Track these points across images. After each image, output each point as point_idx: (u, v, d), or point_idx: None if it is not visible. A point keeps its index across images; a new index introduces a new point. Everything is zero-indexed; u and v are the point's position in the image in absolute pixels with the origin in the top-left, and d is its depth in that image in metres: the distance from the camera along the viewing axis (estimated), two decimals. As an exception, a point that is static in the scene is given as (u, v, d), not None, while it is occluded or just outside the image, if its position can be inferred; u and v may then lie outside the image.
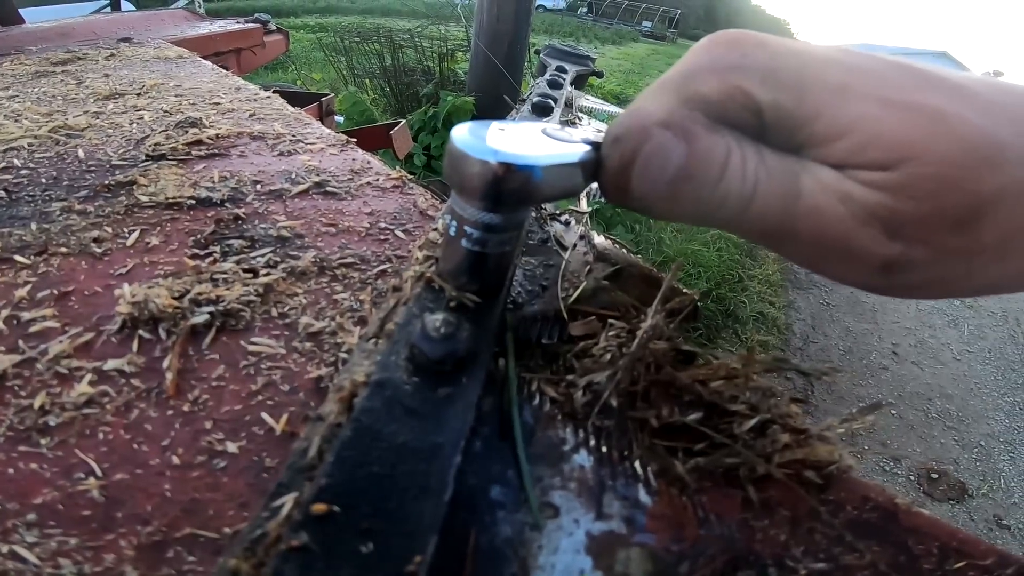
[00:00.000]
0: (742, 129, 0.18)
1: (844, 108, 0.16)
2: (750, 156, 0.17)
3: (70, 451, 0.20)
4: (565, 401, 0.22)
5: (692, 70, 0.18)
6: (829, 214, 0.16)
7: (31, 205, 0.33)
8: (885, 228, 0.16)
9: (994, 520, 1.88)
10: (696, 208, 0.18)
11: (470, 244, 0.20)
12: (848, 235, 0.16)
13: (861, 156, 0.16)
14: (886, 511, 0.19)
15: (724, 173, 0.17)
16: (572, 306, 0.27)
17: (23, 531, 0.17)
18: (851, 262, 0.17)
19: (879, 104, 0.16)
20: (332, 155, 0.41)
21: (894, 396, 2.38)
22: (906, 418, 2.28)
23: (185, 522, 0.18)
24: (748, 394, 0.23)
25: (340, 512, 0.14)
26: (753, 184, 0.17)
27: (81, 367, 0.23)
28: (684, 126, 0.17)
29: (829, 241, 0.17)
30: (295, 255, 0.29)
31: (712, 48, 0.18)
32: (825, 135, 0.16)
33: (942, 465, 2.07)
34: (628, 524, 0.18)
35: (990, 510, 1.93)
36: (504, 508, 0.18)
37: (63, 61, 0.63)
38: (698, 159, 0.17)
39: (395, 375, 0.18)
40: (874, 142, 0.16)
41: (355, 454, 0.16)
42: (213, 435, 0.21)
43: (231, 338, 0.24)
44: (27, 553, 0.16)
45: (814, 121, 0.16)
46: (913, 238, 0.16)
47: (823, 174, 0.17)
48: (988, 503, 1.95)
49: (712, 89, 0.17)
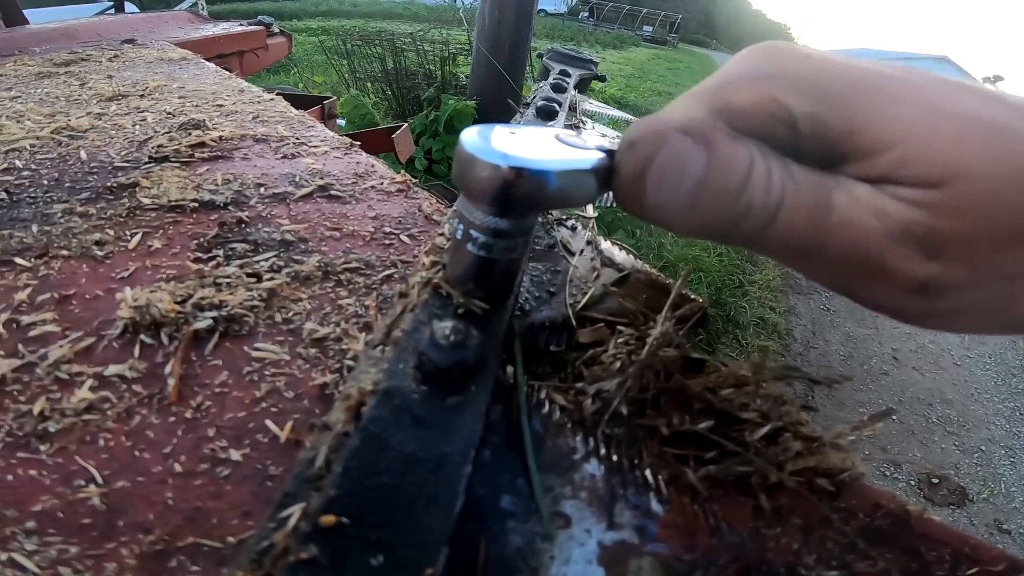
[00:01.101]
0: (772, 142, 0.17)
1: (891, 119, 0.15)
2: (776, 168, 0.16)
3: (70, 458, 0.19)
4: (574, 409, 0.22)
5: (726, 79, 0.17)
6: (862, 230, 0.15)
7: (32, 207, 0.33)
8: (922, 247, 0.15)
9: (995, 524, 1.88)
10: (716, 220, 0.17)
11: (477, 249, 0.19)
12: (881, 253, 0.15)
13: (904, 171, 0.15)
14: (898, 518, 0.19)
15: (747, 183, 0.16)
16: (580, 312, 0.26)
17: (22, 538, 0.17)
18: (884, 283, 0.16)
19: (933, 116, 0.15)
20: (336, 158, 0.41)
21: (895, 401, 2.38)
22: (907, 423, 2.28)
23: (188, 531, 0.17)
24: (759, 402, 0.23)
25: (349, 524, 0.14)
26: (779, 196, 0.16)
27: (82, 372, 0.22)
28: (704, 133, 0.16)
29: (860, 259, 0.16)
30: (299, 259, 0.29)
31: (749, 58, 0.18)
32: (868, 147, 0.15)
33: (943, 470, 2.07)
34: (640, 533, 0.18)
35: (990, 515, 1.92)
36: (515, 518, 0.18)
37: (66, 62, 0.62)
38: (718, 168, 0.16)
39: (403, 383, 0.18)
40: (921, 156, 0.15)
41: (363, 464, 0.15)
42: (216, 442, 0.20)
43: (234, 344, 0.24)
44: (26, 561, 0.16)
45: (856, 133, 0.15)
46: (953, 258, 0.15)
47: (858, 190, 0.16)
48: (988, 508, 1.95)
49: (745, 99, 0.17)
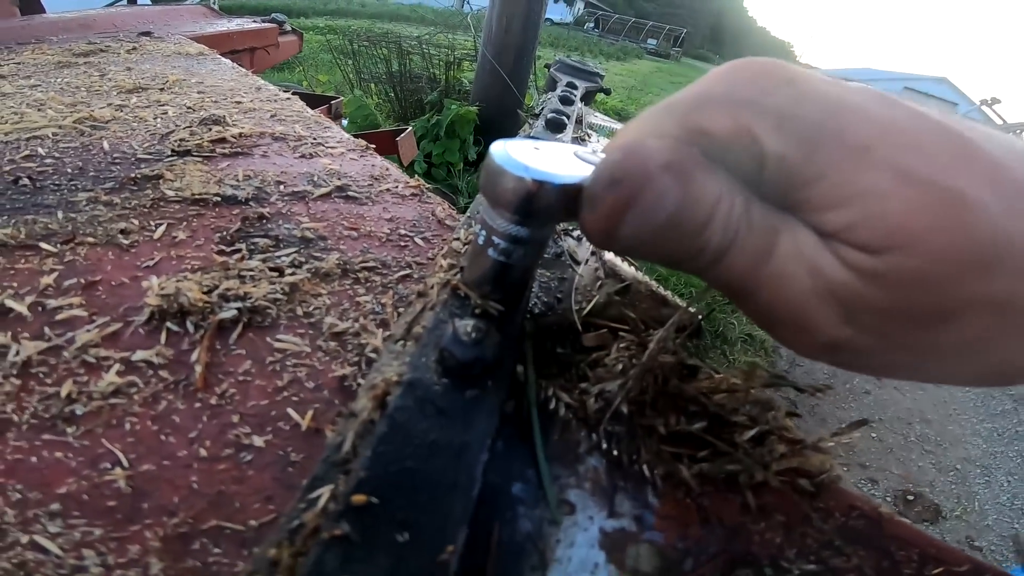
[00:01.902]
0: (739, 172, 0.16)
1: (853, 175, 0.14)
2: (738, 204, 0.16)
3: (97, 441, 0.19)
4: (579, 407, 0.23)
5: (704, 98, 0.16)
6: (792, 285, 0.16)
7: (56, 194, 0.34)
8: (843, 310, 0.15)
9: (966, 541, 1.92)
10: (675, 253, 0.17)
11: (497, 254, 0.21)
12: (804, 309, 0.16)
13: (852, 233, 0.14)
14: (871, 519, 0.20)
15: (711, 220, 0.16)
16: (585, 318, 0.28)
17: (45, 521, 0.17)
18: (799, 334, 0.17)
19: (895, 178, 0.14)
20: (352, 160, 0.42)
21: (875, 419, 2.42)
22: (886, 441, 2.32)
23: (211, 514, 0.18)
24: (748, 407, 0.24)
25: (378, 504, 0.15)
26: (732, 237, 0.16)
27: (109, 357, 0.23)
28: (684, 167, 0.16)
29: (784, 310, 0.16)
30: (319, 256, 0.30)
31: (732, 77, 0.16)
32: (822, 202, 0.15)
33: (918, 487, 2.10)
34: (638, 522, 0.19)
35: (963, 532, 1.96)
36: (524, 504, 0.19)
37: (85, 52, 0.63)
38: (689, 204, 0.16)
39: (425, 376, 0.19)
40: (871, 222, 0.14)
41: (390, 449, 0.17)
42: (240, 429, 0.21)
43: (257, 335, 0.25)
44: (49, 543, 0.16)
45: (816, 183, 0.15)
46: (868, 327, 0.15)
47: (804, 240, 0.15)
48: (961, 525, 1.99)
49: (720, 126, 0.16)
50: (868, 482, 2.07)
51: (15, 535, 0.16)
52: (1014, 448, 2.48)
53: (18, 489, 0.18)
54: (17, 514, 0.17)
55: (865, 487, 2.04)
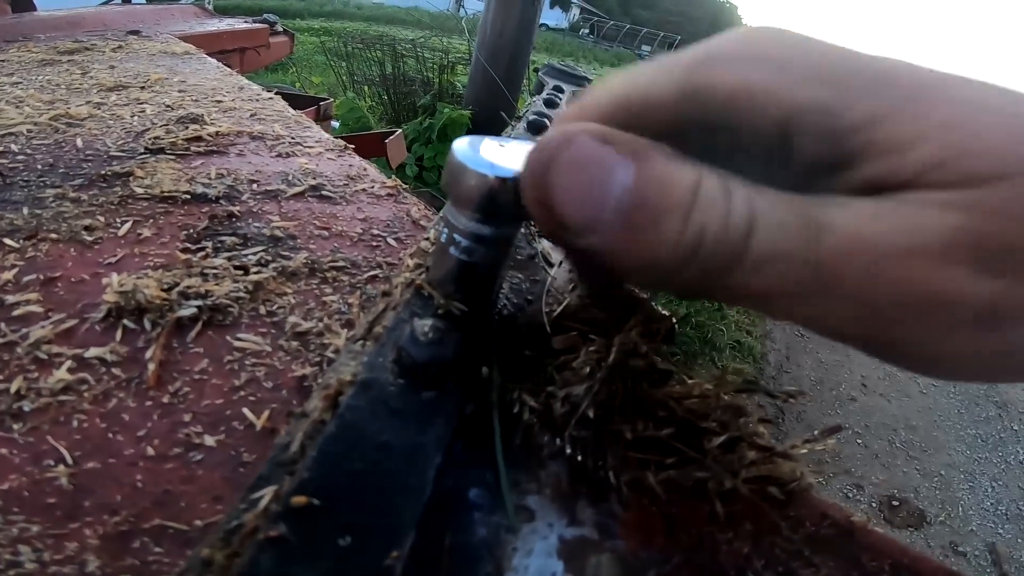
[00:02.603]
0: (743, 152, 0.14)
1: (926, 109, 0.12)
2: (737, 186, 0.13)
3: (42, 437, 0.19)
4: (544, 411, 0.23)
5: (713, 54, 0.14)
6: (885, 250, 0.12)
7: (25, 190, 0.33)
8: (977, 259, 0.12)
9: (950, 547, 1.93)
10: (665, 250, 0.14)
11: (459, 253, 0.20)
12: (922, 276, 0.12)
13: (941, 171, 0.12)
14: (843, 528, 0.20)
15: (695, 201, 0.13)
16: (555, 321, 0.28)
17: None
18: (932, 320, 0.12)
19: (971, 108, 0.12)
20: (329, 159, 0.42)
21: (860, 426, 2.43)
22: (871, 447, 2.33)
23: (155, 513, 0.18)
24: (719, 412, 0.24)
25: (320, 505, 0.15)
26: (746, 217, 0.13)
27: (61, 353, 0.23)
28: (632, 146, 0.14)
29: (889, 291, 0.12)
30: (287, 255, 0.30)
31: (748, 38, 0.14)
32: (890, 143, 0.12)
33: (903, 493, 2.12)
34: (600, 530, 0.19)
35: (947, 537, 1.97)
36: (481, 510, 0.19)
37: (70, 51, 0.63)
38: (653, 181, 0.13)
39: (381, 376, 0.19)
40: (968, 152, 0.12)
41: (338, 449, 0.16)
42: (191, 428, 0.21)
43: (217, 333, 0.25)
44: None
45: (875, 126, 0.12)
46: (1016, 267, 0.11)
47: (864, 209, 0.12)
48: (945, 530, 2.00)
49: (730, 82, 0.13)
50: (853, 488, 2.08)
51: (-51, 532, 0.16)
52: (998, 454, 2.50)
53: (-43, 486, 0.17)
54: (-46, 510, 0.17)
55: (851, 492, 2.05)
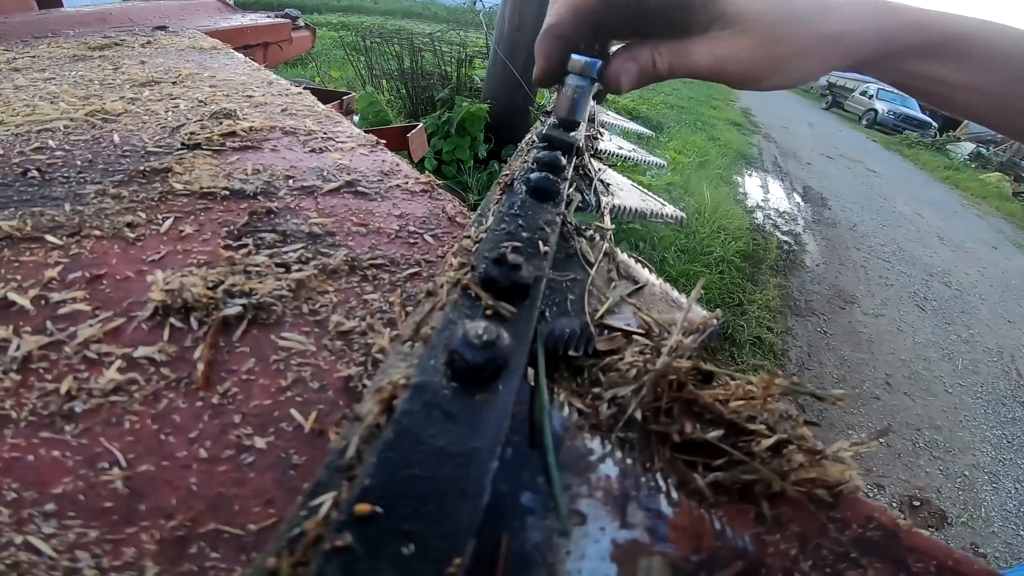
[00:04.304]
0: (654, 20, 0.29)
1: None
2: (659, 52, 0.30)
3: (95, 439, 0.19)
4: (591, 413, 0.23)
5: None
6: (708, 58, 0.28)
7: (65, 186, 0.34)
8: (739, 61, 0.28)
9: (971, 548, 1.89)
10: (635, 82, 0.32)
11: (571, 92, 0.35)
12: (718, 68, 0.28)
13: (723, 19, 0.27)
14: (888, 530, 0.20)
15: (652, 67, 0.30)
16: (598, 321, 0.27)
17: (40, 521, 0.16)
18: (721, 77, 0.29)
19: None
20: (362, 155, 0.42)
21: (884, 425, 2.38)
22: (894, 447, 2.28)
23: (210, 517, 0.17)
24: (765, 415, 0.24)
25: (383, 513, 0.15)
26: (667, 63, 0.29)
27: (111, 353, 0.22)
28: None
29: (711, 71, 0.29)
30: (326, 252, 0.30)
31: None
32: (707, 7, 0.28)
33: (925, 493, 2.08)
34: (650, 533, 0.19)
35: (968, 538, 1.93)
36: (534, 514, 0.18)
37: (100, 46, 0.63)
38: None
39: (434, 379, 0.18)
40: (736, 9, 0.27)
41: (396, 456, 0.16)
42: (241, 429, 0.20)
43: (262, 332, 0.25)
44: (43, 544, 0.16)
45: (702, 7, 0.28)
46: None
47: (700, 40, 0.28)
48: (967, 531, 1.96)
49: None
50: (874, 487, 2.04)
51: (9, 535, 0.16)
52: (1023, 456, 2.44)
53: (14, 488, 0.17)
54: (12, 514, 0.17)
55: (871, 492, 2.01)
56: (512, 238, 0.27)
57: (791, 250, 3.82)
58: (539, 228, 0.29)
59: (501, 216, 0.29)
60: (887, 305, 3.43)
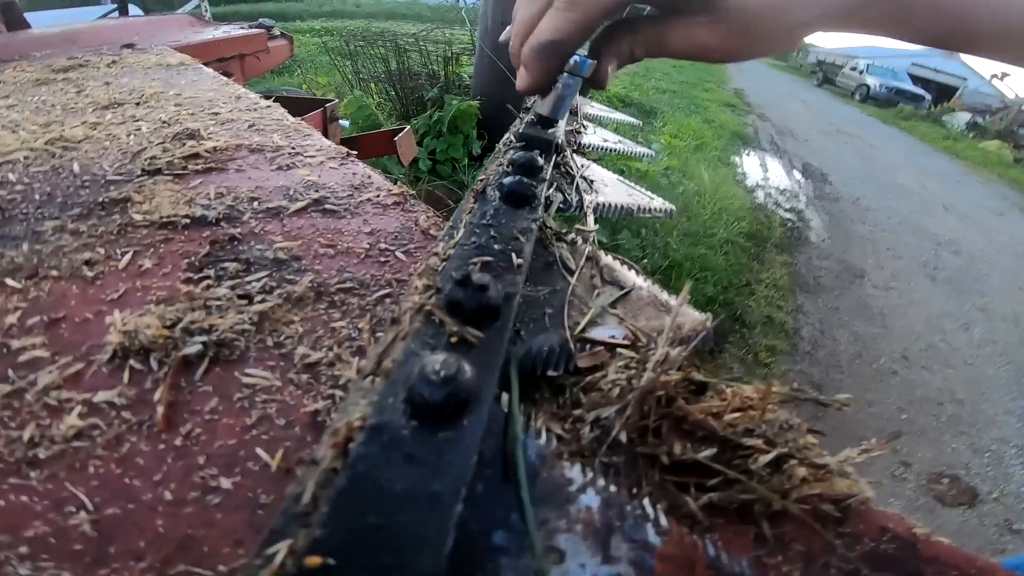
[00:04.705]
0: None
1: None
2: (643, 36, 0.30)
3: (60, 484, 0.19)
4: (571, 438, 0.21)
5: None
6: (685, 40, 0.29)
7: (24, 224, 0.33)
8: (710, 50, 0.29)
9: (1005, 525, 1.86)
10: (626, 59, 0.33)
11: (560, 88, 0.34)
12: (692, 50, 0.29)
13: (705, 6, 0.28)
14: (904, 541, 0.19)
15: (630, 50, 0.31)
16: (579, 335, 0.26)
17: (16, 563, 0.17)
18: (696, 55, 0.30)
19: None
20: (332, 169, 0.40)
21: (904, 402, 2.35)
22: (916, 423, 2.25)
23: (180, 558, 0.17)
24: (764, 427, 0.22)
25: (335, 565, 0.14)
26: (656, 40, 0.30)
27: (71, 399, 0.22)
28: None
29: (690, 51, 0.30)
30: (291, 279, 0.28)
31: None
32: None
33: (953, 470, 2.04)
34: (636, 567, 0.18)
35: (1001, 515, 1.90)
36: (508, 554, 0.17)
37: (65, 68, 0.62)
38: None
39: (392, 418, 0.17)
40: None
41: (351, 503, 0.15)
42: (207, 470, 0.20)
43: (224, 369, 0.24)
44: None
45: None
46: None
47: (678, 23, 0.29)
48: (999, 508, 1.92)
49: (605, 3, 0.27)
50: (900, 465, 2.01)
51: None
52: (1051, 426, 2.40)
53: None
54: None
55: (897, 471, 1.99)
56: (483, 252, 0.26)
57: (795, 227, 3.78)
58: (513, 238, 0.28)
59: (472, 228, 0.28)
60: (897, 277, 3.39)
